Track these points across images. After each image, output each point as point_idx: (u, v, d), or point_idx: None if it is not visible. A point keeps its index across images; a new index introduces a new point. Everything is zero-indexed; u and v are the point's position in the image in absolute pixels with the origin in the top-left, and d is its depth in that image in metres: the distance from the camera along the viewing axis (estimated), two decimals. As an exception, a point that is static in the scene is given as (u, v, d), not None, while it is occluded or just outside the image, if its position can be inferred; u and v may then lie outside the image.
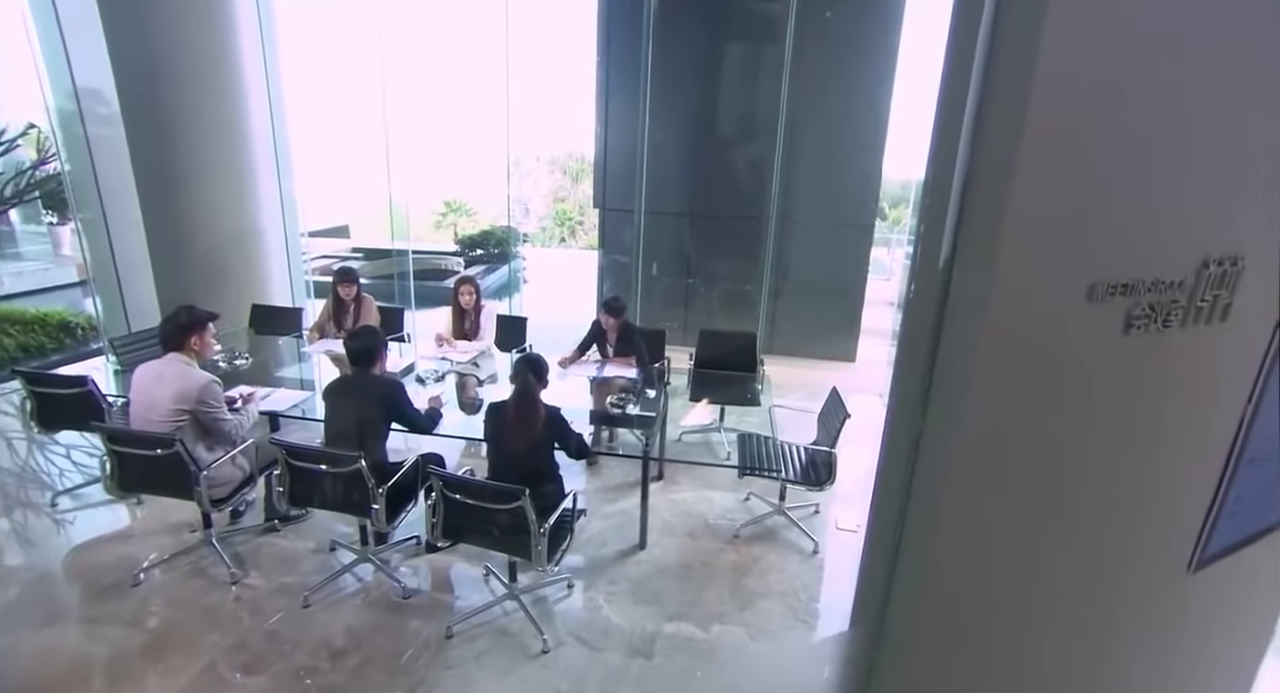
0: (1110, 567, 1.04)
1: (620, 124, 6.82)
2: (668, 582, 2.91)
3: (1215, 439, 1.08)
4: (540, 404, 2.52)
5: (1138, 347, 0.84)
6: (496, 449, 2.58)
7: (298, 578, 2.76)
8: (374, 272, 11.83)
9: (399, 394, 2.70)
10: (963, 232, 0.67)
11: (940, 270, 0.68)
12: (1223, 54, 0.75)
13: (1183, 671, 1.38)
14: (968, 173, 0.66)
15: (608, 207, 7.29)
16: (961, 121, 0.65)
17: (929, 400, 0.73)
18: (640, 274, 6.42)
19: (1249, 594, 1.48)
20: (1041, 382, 0.77)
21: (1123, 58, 0.65)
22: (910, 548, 0.80)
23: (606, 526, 3.39)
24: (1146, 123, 0.69)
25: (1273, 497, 1.31)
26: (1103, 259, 0.73)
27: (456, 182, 19.26)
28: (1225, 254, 0.90)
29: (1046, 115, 0.59)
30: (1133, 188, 0.73)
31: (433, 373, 3.79)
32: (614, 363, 4.06)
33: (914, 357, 0.75)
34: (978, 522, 0.80)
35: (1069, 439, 0.84)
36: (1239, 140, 0.82)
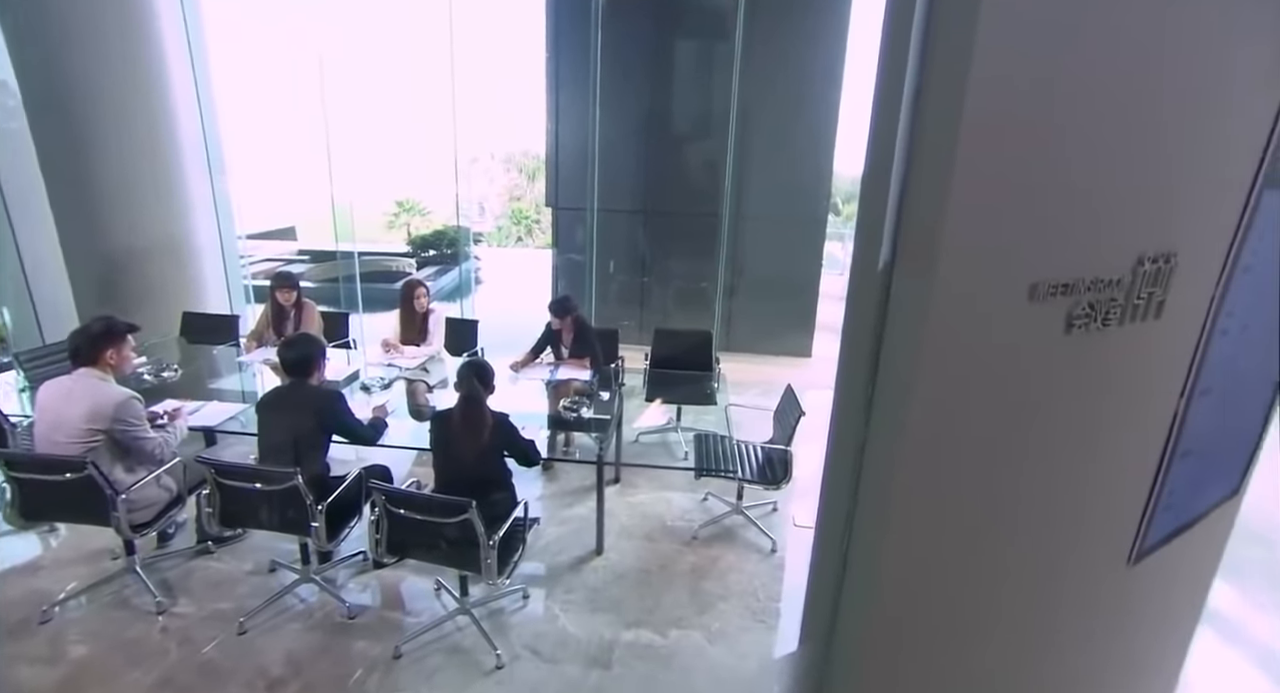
0: (1057, 565, 1.03)
1: (571, 121, 6.73)
2: (626, 588, 2.86)
3: (1152, 434, 1.09)
4: (487, 411, 2.44)
5: (1079, 346, 0.82)
6: (443, 459, 2.48)
7: (233, 603, 2.59)
8: (320, 275, 11.41)
9: (338, 405, 2.57)
10: (902, 234, 0.63)
11: (880, 273, 0.64)
12: (1157, 54, 0.74)
13: (1123, 659, 1.40)
14: (905, 175, 0.62)
15: (561, 205, 7.19)
16: (896, 123, 0.61)
17: (872, 407, 0.69)
18: (595, 273, 6.35)
19: (1180, 581, 1.51)
20: (986, 384, 0.74)
21: (1057, 58, 0.62)
22: (857, 559, 0.77)
23: (563, 532, 3.32)
24: (1082, 122, 0.67)
25: (1201, 487, 1.33)
26: (1043, 259, 0.71)
27: (409, 180, 18.80)
28: (1159, 251, 0.89)
29: (982, 116, 0.56)
30: (1071, 187, 0.71)
31: (379, 381, 3.64)
32: (568, 365, 3.98)
33: (856, 363, 0.71)
34: (926, 531, 0.77)
35: (1014, 442, 0.82)
36: (1169, 137, 0.81)
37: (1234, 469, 1.49)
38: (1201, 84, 0.84)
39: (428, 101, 7.08)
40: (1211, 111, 0.88)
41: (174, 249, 4.81)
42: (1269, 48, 0.94)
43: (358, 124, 10.92)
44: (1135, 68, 0.74)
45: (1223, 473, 1.43)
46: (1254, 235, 1.07)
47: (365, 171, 20.95)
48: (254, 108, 8.17)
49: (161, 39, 4.50)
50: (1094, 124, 0.72)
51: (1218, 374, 1.17)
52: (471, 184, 27.50)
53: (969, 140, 0.60)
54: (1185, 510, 1.29)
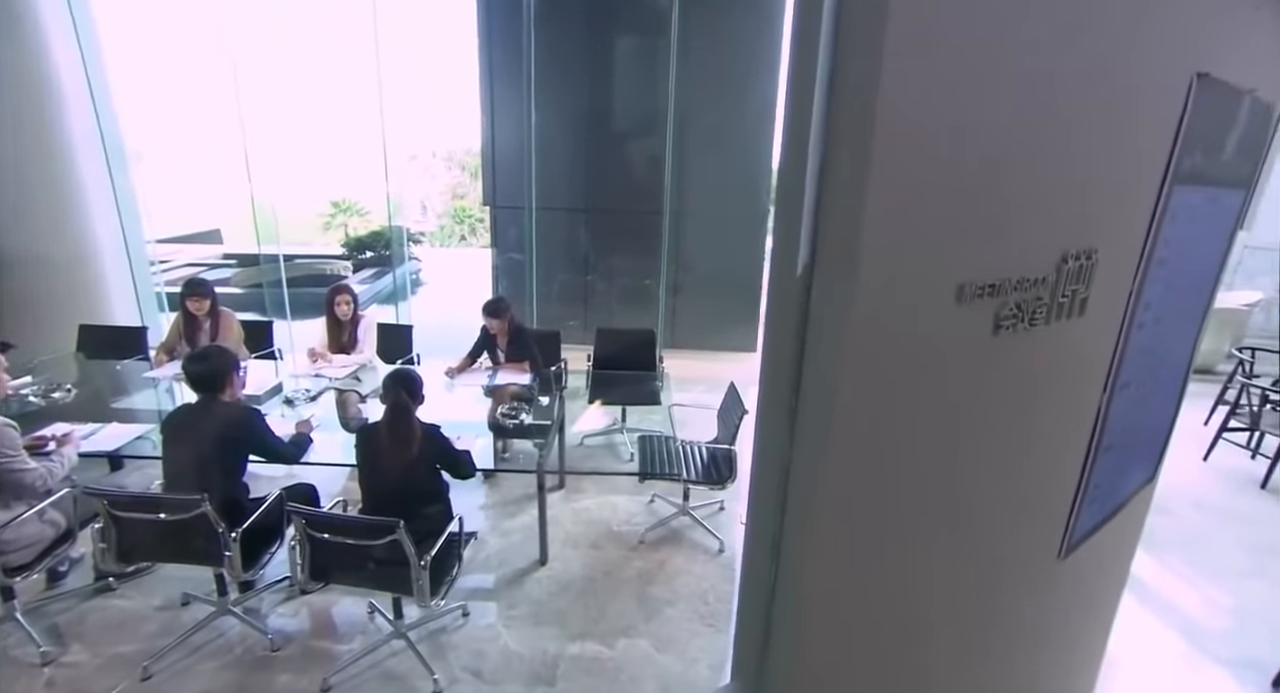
0: (991, 569, 1.01)
1: (507, 117, 6.55)
2: (571, 598, 2.77)
3: (1078, 431, 1.09)
4: (416, 423, 2.30)
5: (1006, 347, 0.79)
6: (370, 476, 2.33)
7: (138, 645, 2.36)
8: (246, 280, 10.78)
9: (253, 423, 2.37)
10: (821, 236, 0.57)
11: (799, 277, 0.58)
12: (1071, 51, 0.71)
13: (1056, 649, 1.42)
14: (820, 174, 0.56)
15: (499, 203, 7.01)
16: (809, 122, 0.55)
17: (797, 420, 0.64)
18: (536, 273, 6.21)
19: (1105, 567, 1.55)
20: (914, 390, 0.70)
21: (970, 55, 0.58)
22: (786, 582, 0.71)
23: (506, 543, 3.20)
24: (1000, 120, 0.63)
25: (1123, 477, 1.36)
26: (969, 260, 0.67)
27: (345, 179, 18.07)
28: (1081, 248, 0.88)
29: (896, 115, 0.53)
30: (993, 185, 0.67)
31: (303, 393, 3.42)
32: (506, 369, 3.86)
33: (778, 373, 0.65)
34: (856, 546, 0.72)
35: (944, 448, 0.78)
36: (1085, 134, 0.79)
37: (1151, 456, 1.53)
38: (1114, 81, 0.83)
39: (355, 96, 6.76)
40: (1123, 109, 0.87)
41: (66, 255, 4.40)
42: (1175, 48, 0.94)
43: (280, 119, 10.33)
44: (1051, 65, 0.71)
45: (1141, 461, 1.46)
46: (1166, 229, 1.08)
47: (294, 170, 20.04)
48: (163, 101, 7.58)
49: (42, 26, 4.10)
50: (1012, 121, 0.69)
51: (1136, 367, 1.18)
52: (412, 182, 26.69)
53: (884, 140, 0.55)
54: (1109, 501, 1.31)
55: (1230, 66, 1.10)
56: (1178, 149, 1.02)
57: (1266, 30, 1.32)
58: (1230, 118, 1.20)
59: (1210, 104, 1.07)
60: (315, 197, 19.47)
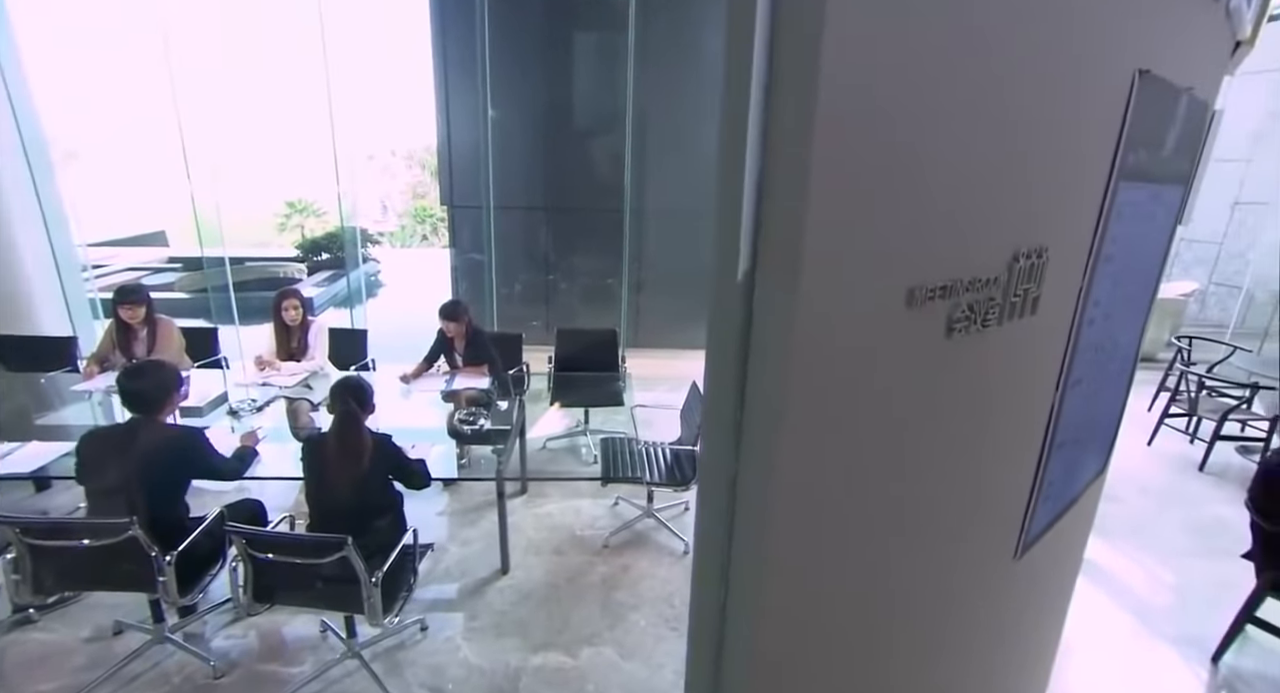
0: (949, 574, 1.00)
1: (463, 115, 6.41)
2: (533, 607, 2.71)
3: (1032, 430, 1.08)
4: (365, 433, 2.20)
5: (960, 349, 0.77)
6: (317, 490, 2.22)
7: (63, 681, 2.20)
8: (192, 285, 10.33)
9: (193, 447, 2.20)
10: (761, 241, 0.53)
11: (740, 283, 0.54)
12: (1021, 45, 0.69)
13: (1012, 649, 1.42)
14: (760, 177, 0.52)
15: (456, 203, 6.86)
16: (746, 121, 0.50)
17: (741, 435, 0.60)
18: (495, 273, 6.09)
19: (1060, 562, 1.57)
20: (865, 399, 0.66)
21: (917, 52, 0.55)
22: (738, 603, 0.67)
23: (466, 552, 3.12)
24: (945, 118, 0.61)
25: (1075, 473, 1.37)
26: (919, 262, 0.64)
27: (301, 179, 17.55)
28: (1032, 246, 0.86)
29: (837, 113, 0.52)
30: (941, 184, 0.64)
31: (249, 403, 3.26)
32: (464, 373, 3.76)
33: (721, 385, 0.60)
34: (808, 562, 0.68)
35: (898, 456, 0.75)
36: (1032, 131, 0.78)
37: (1102, 449, 1.55)
38: (1060, 78, 0.81)
39: (305, 93, 6.50)
40: (1069, 105, 0.86)
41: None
42: (1118, 45, 0.94)
43: (225, 115, 9.89)
44: (997, 59, 0.69)
45: (1093, 454, 1.48)
46: (1113, 226, 1.08)
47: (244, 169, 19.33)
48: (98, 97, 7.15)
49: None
50: (959, 119, 0.66)
51: (1086, 363, 1.19)
52: (371, 182, 26.04)
53: (825, 138, 0.51)
54: (1063, 498, 1.31)
55: (1168, 65, 1.10)
56: (1122, 145, 1.02)
57: (1201, 30, 1.34)
58: (1170, 115, 1.21)
59: (1151, 101, 1.07)
60: (270, 197, 18.88)
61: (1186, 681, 2.45)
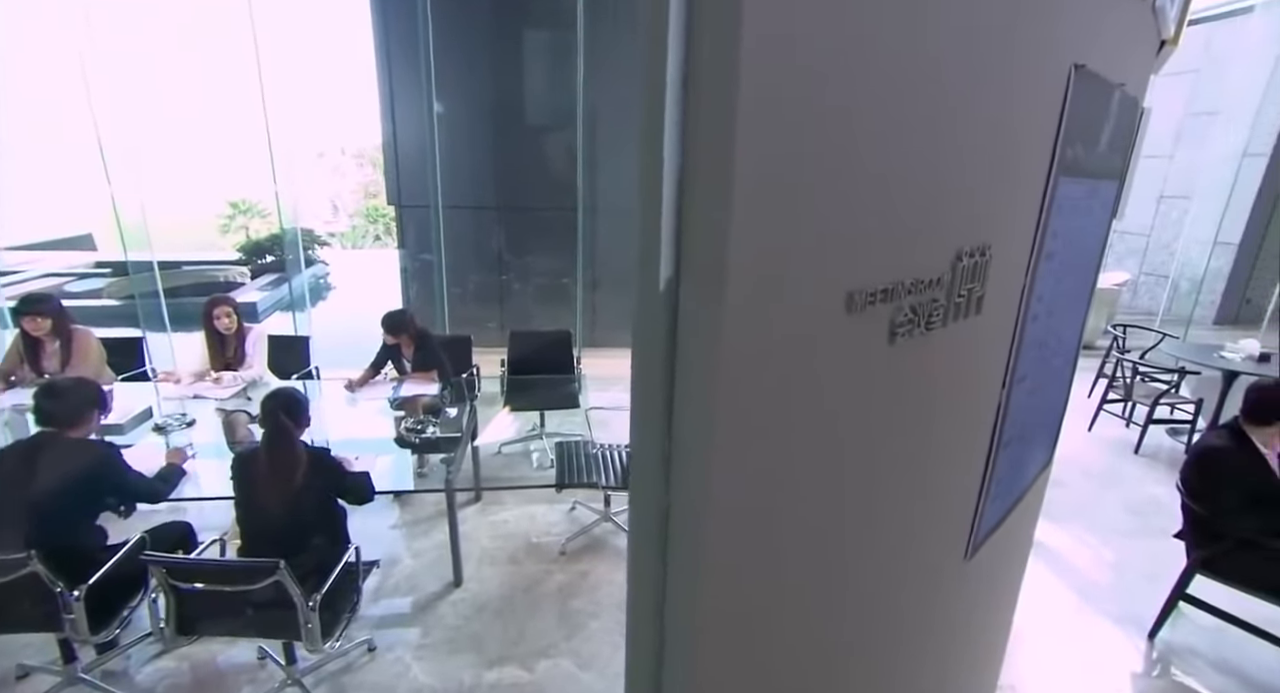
0: (899, 581, 0.97)
1: (408, 112, 6.21)
2: (487, 620, 2.62)
3: (979, 431, 1.06)
4: (299, 448, 2.08)
5: (904, 354, 0.73)
6: (248, 510, 2.08)
7: (-36, 729, 2.03)
8: (121, 291, 9.75)
9: (108, 465, 2.05)
10: (684, 247, 0.47)
11: (663, 293, 0.48)
12: (959, 35, 0.65)
13: (964, 648, 1.42)
14: (680, 178, 0.46)
15: (404, 202, 6.65)
16: (663, 119, 0.45)
17: (671, 464, 0.54)
18: (446, 274, 5.92)
19: (1009, 558, 1.57)
20: (805, 413, 0.62)
21: (848, 43, 0.50)
22: (675, 644, 0.62)
23: (418, 565, 3.00)
24: (878, 111, 0.56)
25: (1022, 469, 1.37)
26: (858, 265, 0.59)
27: (245, 178, 16.84)
28: (975, 245, 0.83)
29: (762, 109, 0.49)
30: (880, 183, 0.59)
31: (178, 419, 3.06)
32: (413, 380, 3.62)
33: (648, 407, 0.55)
34: (748, 589, 0.64)
35: (842, 469, 0.70)
36: (970, 126, 0.75)
37: (1047, 443, 1.57)
38: (998, 71, 0.79)
39: (239, 88, 6.16)
40: (1007, 99, 0.84)
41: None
42: (1054, 38, 0.92)
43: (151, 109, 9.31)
44: (934, 50, 0.65)
45: (1038, 449, 1.49)
46: (1054, 222, 1.08)
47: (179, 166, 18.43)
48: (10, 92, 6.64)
49: None
50: (893, 113, 0.62)
51: (1031, 359, 1.18)
52: (322, 180, 25.16)
53: (749, 136, 0.46)
54: (1011, 495, 1.31)
55: (1101, 61, 1.10)
56: (1061, 140, 1.01)
57: (1130, 28, 1.36)
58: (1105, 111, 1.21)
59: (1087, 96, 1.06)
60: (212, 196, 18.08)
61: (1127, 657, 2.54)
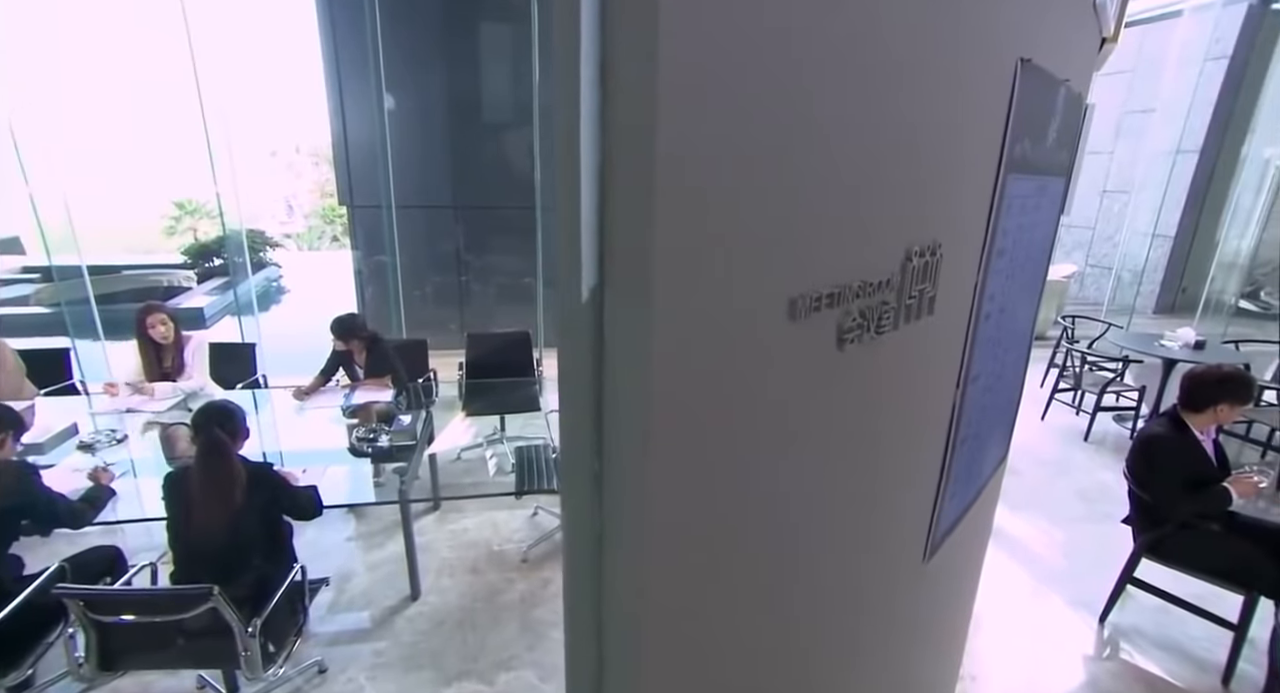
0: (858, 589, 0.94)
1: (358, 109, 6.01)
2: (446, 634, 2.53)
3: (935, 432, 1.04)
4: (236, 464, 1.96)
5: (854, 360, 0.70)
6: (182, 532, 1.95)
7: None
8: (52, 297, 9.22)
9: (21, 486, 1.89)
10: (607, 254, 0.42)
11: (586, 304, 0.43)
12: (905, 24, 0.61)
13: (923, 646, 1.41)
14: (600, 180, 0.41)
15: (356, 202, 6.44)
16: (578, 115, 0.41)
17: (603, 486, 0.49)
18: (401, 276, 5.76)
19: (967, 555, 1.58)
20: (748, 428, 0.57)
21: (785, 30, 0.46)
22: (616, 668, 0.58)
23: (374, 579, 2.89)
24: (821, 102, 0.51)
25: (978, 466, 1.36)
26: (801, 269, 0.55)
27: (191, 178, 16.14)
28: (925, 243, 0.80)
29: (686, 103, 0.45)
30: (822, 181, 0.55)
31: (107, 434, 2.88)
32: (365, 387, 3.49)
33: (576, 426, 0.50)
34: (694, 613, 0.59)
35: (792, 481, 0.66)
36: (921, 117, 0.71)
37: (1003, 439, 1.57)
38: (945, 63, 0.76)
39: (175, 84, 5.85)
40: (954, 93, 0.81)
41: None
42: (1000, 32, 0.90)
43: (78, 107, 8.69)
44: (878, 38, 0.62)
45: (994, 446, 1.49)
46: (1004, 219, 1.06)
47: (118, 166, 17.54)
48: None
49: None
50: (835, 106, 0.58)
51: (985, 357, 1.17)
52: (275, 179, 24.32)
53: (672, 131, 0.41)
54: (967, 493, 1.31)
55: (1047, 56, 1.09)
56: (1009, 135, 0.99)
57: (1073, 24, 1.36)
58: (1051, 106, 1.21)
59: (1033, 91, 1.05)
60: (157, 197, 17.29)
61: (1081, 641, 2.61)
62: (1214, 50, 7.59)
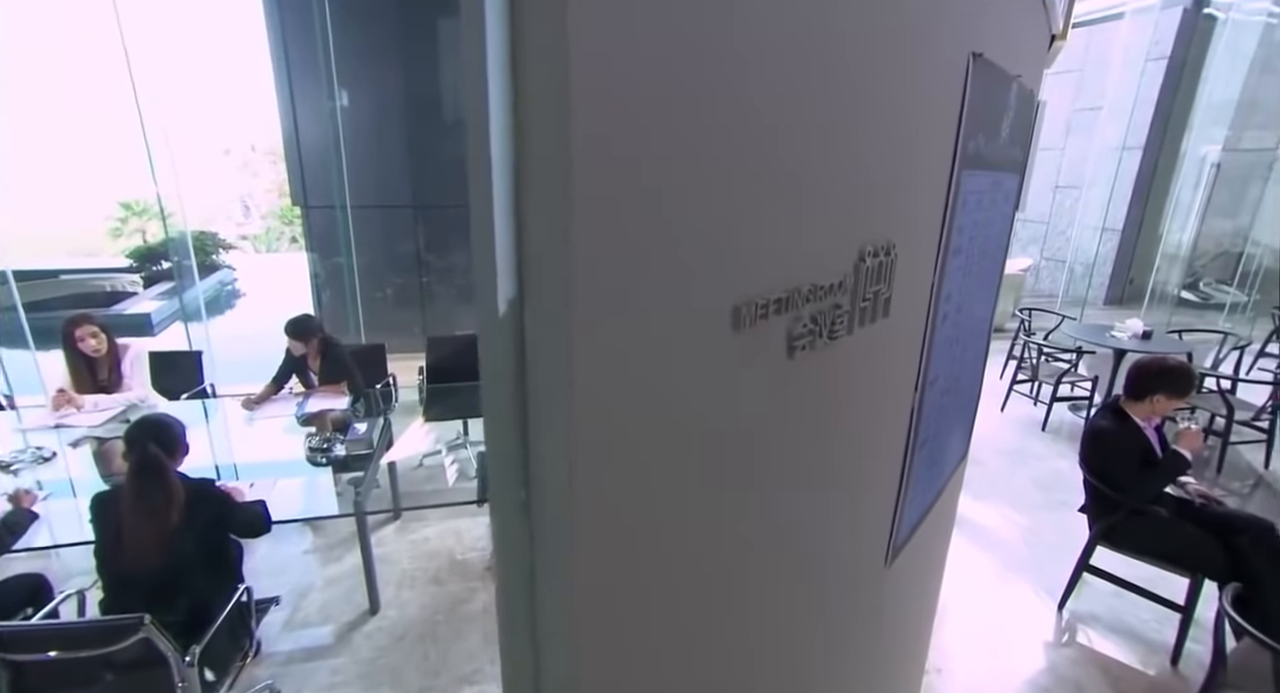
0: (820, 599, 0.91)
1: (309, 106, 5.81)
2: (407, 650, 2.45)
3: (894, 435, 1.02)
4: (173, 482, 1.84)
5: (806, 367, 0.66)
6: (113, 557, 1.82)
7: None
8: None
9: None
10: (525, 264, 0.37)
11: (504, 320, 0.38)
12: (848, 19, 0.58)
13: (888, 648, 1.39)
14: (514, 181, 0.36)
15: (310, 203, 6.23)
16: (487, 113, 0.39)
17: (530, 514, 0.44)
18: (359, 278, 5.59)
19: (930, 555, 1.57)
20: (689, 446, 0.53)
21: (719, 20, 0.42)
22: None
23: (331, 595, 2.78)
24: (762, 92, 0.48)
25: (939, 466, 1.35)
26: (744, 274, 0.51)
27: (138, 177, 15.41)
28: (879, 243, 0.77)
29: (604, 98, 0.42)
30: (764, 179, 0.51)
31: (27, 454, 2.70)
32: (320, 394, 3.36)
33: (503, 450, 0.45)
34: (634, 637, 0.55)
35: (742, 496, 0.63)
36: (872, 112, 0.67)
37: (962, 437, 1.57)
38: (895, 55, 0.73)
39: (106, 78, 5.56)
40: (906, 87, 0.78)
41: None
42: (951, 25, 0.88)
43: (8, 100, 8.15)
44: (822, 29, 0.58)
45: (954, 444, 1.49)
46: (959, 217, 1.04)
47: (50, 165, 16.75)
48: None
49: None
50: (776, 98, 0.54)
51: (943, 358, 1.16)
52: (230, 179, 23.52)
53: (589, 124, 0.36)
54: (928, 495, 1.29)
55: (998, 51, 1.08)
56: (963, 131, 0.97)
57: (1023, 21, 1.36)
58: (1004, 102, 1.20)
59: (986, 86, 1.03)
60: (103, 197, 16.54)
61: (1041, 629, 2.65)
62: (1154, 52, 7.88)
